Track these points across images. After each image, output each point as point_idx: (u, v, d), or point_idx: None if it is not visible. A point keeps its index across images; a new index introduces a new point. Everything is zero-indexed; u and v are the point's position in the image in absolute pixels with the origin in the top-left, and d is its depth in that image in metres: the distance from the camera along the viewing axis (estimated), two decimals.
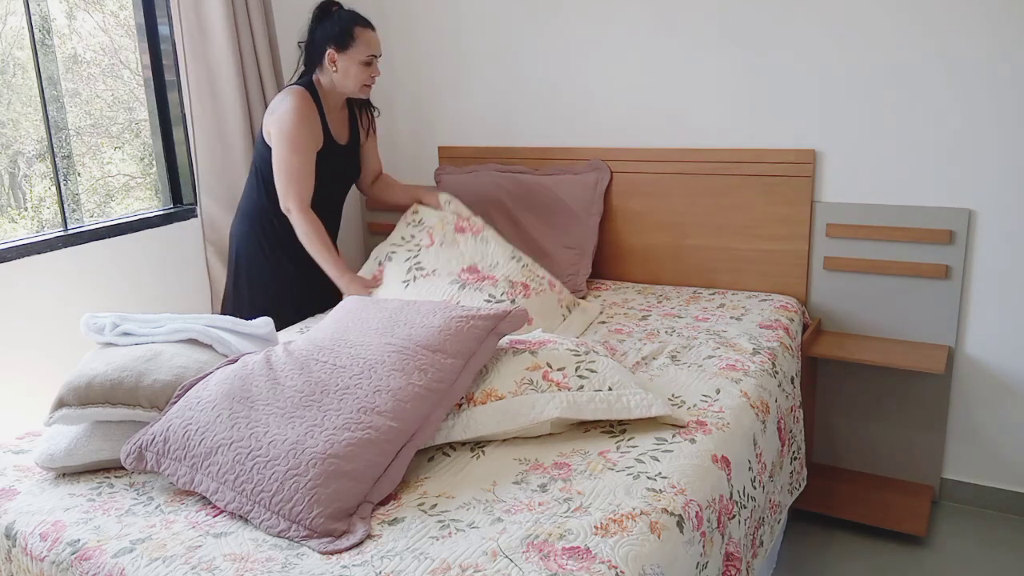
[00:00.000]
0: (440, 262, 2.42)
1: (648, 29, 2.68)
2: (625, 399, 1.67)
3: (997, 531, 2.43)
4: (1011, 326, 2.38)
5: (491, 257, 2.45)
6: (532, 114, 2.95)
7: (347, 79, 2.38)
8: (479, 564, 1.25)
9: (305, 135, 2.34)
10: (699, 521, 1.45)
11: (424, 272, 2.41)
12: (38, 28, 2.39)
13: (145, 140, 2.84)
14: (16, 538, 1.45)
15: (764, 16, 2.49)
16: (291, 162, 2.32)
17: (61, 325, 2.40)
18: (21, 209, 2.60)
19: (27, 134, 2.52)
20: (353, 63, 2.36)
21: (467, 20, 3.00)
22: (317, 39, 2.38)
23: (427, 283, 2.36)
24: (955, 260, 2.39)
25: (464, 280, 2.34)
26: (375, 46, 2.38)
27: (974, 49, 2.26)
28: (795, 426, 2.17)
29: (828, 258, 2.55)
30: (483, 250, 2.47)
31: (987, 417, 2.47)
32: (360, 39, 2.35)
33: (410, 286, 2.37)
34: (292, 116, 2.31)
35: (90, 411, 1.59)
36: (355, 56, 2.36)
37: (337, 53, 2.35)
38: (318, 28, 2.38)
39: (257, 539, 1.37)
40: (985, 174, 2.32)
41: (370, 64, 2.38)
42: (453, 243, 2.49)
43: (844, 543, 2.40)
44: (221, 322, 1.90)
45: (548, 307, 2.34)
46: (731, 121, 2.61)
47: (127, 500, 1.52)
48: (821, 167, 2.52)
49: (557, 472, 1.54)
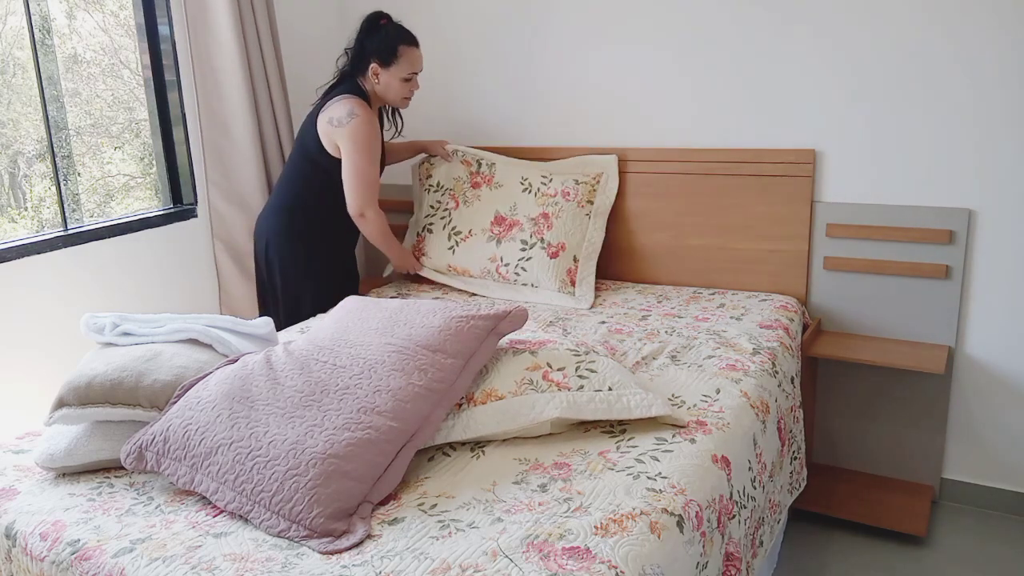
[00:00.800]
0: (472, 221, 2.74)
1: (648, 29, 2.68)
2: (625, 399, 1.67)
3: (997, 531, 2.43)
4: (1011, 326, 2.38)
5: (508, 199, 2.73)
6: (532, 114, 2.94)
7: (388, 92, 2.52)
8: (479, 564, 1.25)
9: (376, 145, 2.49)
10: (699, 521, 1.45)
11: (462, 235, 2.74)
12: (38, 28, 2.39)
13: (145, 140, 2.84)
14: (16, 538, 1.45)
15: (764, 16, 2.49)
16: (367, 171, 2.46)
17: (61, 325, 2.40)
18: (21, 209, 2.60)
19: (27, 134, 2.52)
20: (395, 79, 2.49)
21: (470, 21, 3.00)
22: (364, 51, 2.49)
23: (468, 247, 2.72)
24: (955, 260, 2.39)
25: (497, 235, 2.69)
26: (417, 63, 2.51)
27: (975, 49, 2.26)
28: (795, 426, 2.17)
29: (828, 258, 2.55)
30: (500, 196, 2.74)
31: (987, 417, 2.47)
32: (404, 57, 2.47)
33: (456, 252, 2.73)
34: (366, 128, 2.44)
35: (90, 411, 1.59)
36: (398, 73, 2.48)
37: (381, 68, 2.47)
38: (365, 40, 2.48)
39: (257, 539, 1.37)
40: (985, 174, 2.32)
41: (410, 80, 2.52)
42: (476, 199, 2.77)
43: (844, 543, 2.40)
44: (221, 322, 1.90)
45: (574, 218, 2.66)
46: (731, 121, 2.61)
47: (127, 500, 1.52)
48: (821, 167, 2.52)
49: (557, 472, 1.54)
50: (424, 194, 2.89)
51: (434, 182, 2.88)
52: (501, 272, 2.66)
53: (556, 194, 2.69)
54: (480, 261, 2.68)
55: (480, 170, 2.82)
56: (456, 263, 2.73)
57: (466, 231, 2.73)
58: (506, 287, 2.66)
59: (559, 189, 2.69)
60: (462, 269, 2.72)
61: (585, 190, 2.70)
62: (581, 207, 2.68)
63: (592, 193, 2.72)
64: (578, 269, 2.62)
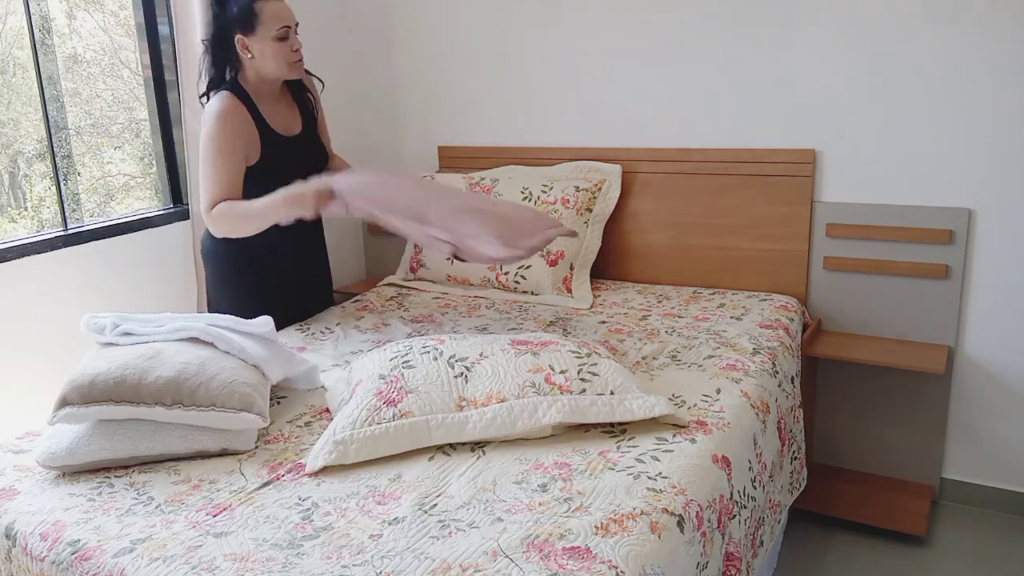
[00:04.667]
0: None
1: (647, 29, 2.68)
2: (628, 403, 1.67)
3: (997, 531, 2.43)
4: (1011, 326, 2.38)
5: None
6: (530, 114, 2.94)
7: (267, 62, 2.15)
8: (479, 564, 1.25)
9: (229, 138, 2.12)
10: (699, 521, 1.45)
11: None
12: (38, 28, 2.39)
13: (145, 140, 2.84)
14: (16, 538, 1.45)
15: (764, 16, 2.49)
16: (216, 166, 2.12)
17: (61, 325, 2.40)
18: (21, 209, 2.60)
19: (27, 134, 2.52)
20: (267, 43, 2.12)
21: (468, 20, 2.99)
22: (223, 30, 2.15)
23: None
24: (955, 260, 2.39)
25: None
26: (285, 15, 2.14)
27: (975, 49, 2.26)
28: (795, 426, 2.17)
29: (828, 258, 2.55)
30: None
31: (987, 417, 2.47)
32: (264, 13, 2.11)
33: (454, 262, 2.60)
34: (214, 120, 2.12)
35: (93, 409, 1.59)
36: (266, 34, 2.11)
37: (246, 37, 2.12)
38: (218, 17, 2.15)
39: (257, 539, 1.37)
40: (985, 174, 2.32)
41: (286, 38, 2.14)
42: None
43: (844, 543, 2.40)
44: (221, 321, 1.90)
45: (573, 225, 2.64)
46: (731, 121, 2.61)
47: (127, 500, 1.51)
48: (821, 167, 2.52)
49: (557, 472, 1.54)
50: None
51: None
52: (501, 280, 2.66)
53: (556, 201, 2.68)
54: (479, 270, 2.68)
55: (481, 182, 2.80)
56: (455, 273, 2.72)
57: None
58: (506, 294, 2.66)
59: (559, 196, 2.68)
60: (461, 278, 2.71)
61: (585, 197, 2.69)
62: (580, 215, 2.67)
63: (592, 201, 2.71)
64: (573, 276, 2.63)
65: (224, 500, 1.49)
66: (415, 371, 1.72)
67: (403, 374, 1.72)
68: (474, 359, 1.75)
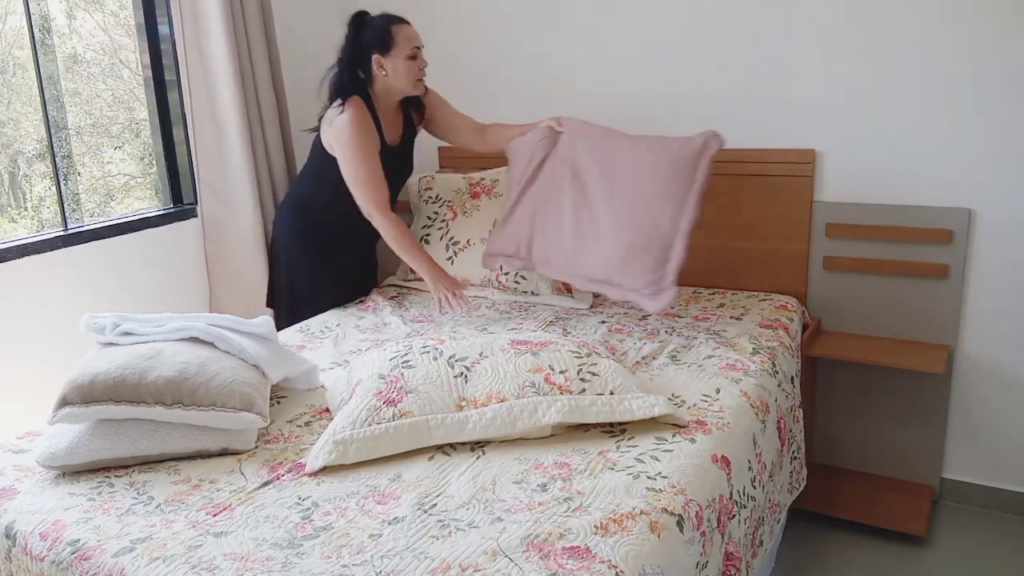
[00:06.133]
0: (471, 231, 2.71)
1: (647, 29, 2.68)
2: (627, 403, 1.67)
3: (997, 531, 2.43)
4: (1011, 326, 2.38)
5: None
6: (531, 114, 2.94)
7: (399, 78, 2.43)
8: (479, 564, 1.26)
9: (366, 142, 2.40)
10: (699, 521, 1.45)
11: (459, 245, 2.71)
12: (38, 28, 2.39)
13: (145, 140, 2.84)
14: (16, 538, 1.45)
15: (765, 16, 2.50)
16: (360, 170, 2.40)
17: (61, 325, 2.40)
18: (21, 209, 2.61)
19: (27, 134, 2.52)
20: (400, 60, 2.40)
21: (468, 21, 3.00)
22: (361, 49, 2.41)
23: (467, 257, 2.68)
24: (954, 260, 2.39)
25: None
26: (415, 38, 2.42)
27: (975, 49, 2.26)
28: (795, 426, 2.17)
29: (828, 258, 2.55)
30: (500, 205, 2.69)
31: (987, 417, 2.47)
32: (399, 36, 2.39)
33: (455, 262, 2.70)
34: (350, 127, 2.37)
35: (93, 409, 1.59)
36: (400, 53, 2.39)
37: (383, 57, 2.40)
38: (357, 39, 2.42)
39: (257, 539, 1.37)
40: (985, 174, 2.32)
41: (415, 57, 2.42)
42: (474, 209, 2.74)
43: (844, 543, 2.40)
44: (221, 321, 1.90)
45: None
46: (731, 121, 2.61)
47: (127, 500, 1.52)
48: (821, 167, 2.52)
49: (557, 472, 1.54)
50: (422, 205, 2.87)
51: (433, 194, 2.85)
52: (501, 280, 2.65)
53: None
54: (480, 270, 2.67)
55: (481, 182, 2.81)
56: (455, 273, 2.69)
57: (464, 241, 2.71)
58: (506, 295, 2.66)
59: None
60: (462, 279, 2.70)
61: None
62: None
63: None
64: None
65: (224, 500, 1.49)
66: (415, 371, 1.72)
67: (403, 374, 1.72)
68: (474, 359, 1.75)
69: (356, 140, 2.37)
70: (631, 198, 2.24)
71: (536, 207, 2.40)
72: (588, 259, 2.26)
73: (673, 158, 2.24)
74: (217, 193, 2.77)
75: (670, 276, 2.15)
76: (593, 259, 2.25)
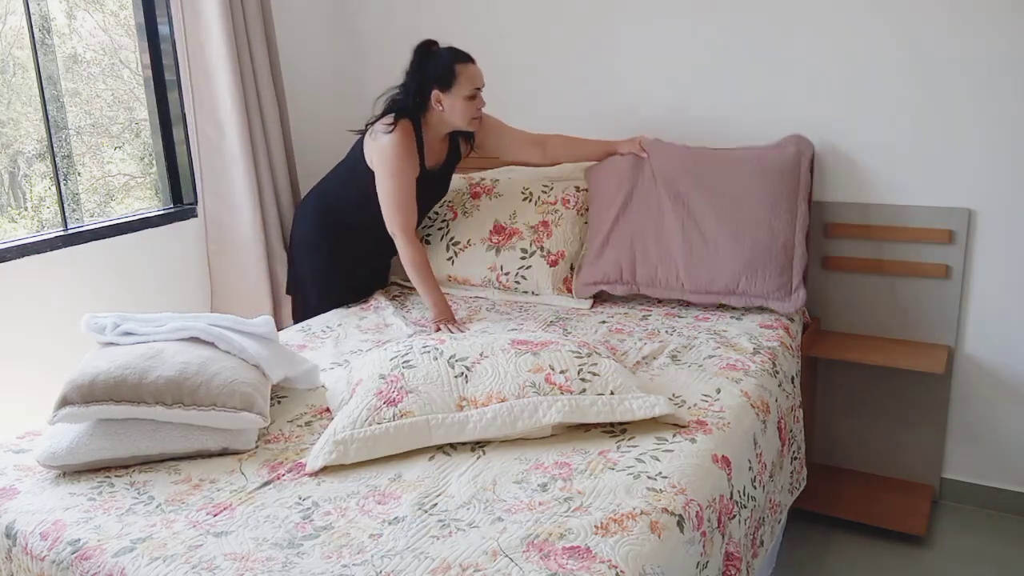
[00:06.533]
0: (470, 231, 2.71)
1: (647, 29, 2.68)
2: (628, 403, 1.67)
3: (997, 531, 2.43)
4: (1011, 326, 2.38)
5: (507, 208, 2.70)
6: (531, 114, 2.94)
7: (455, 115, 2.42)
8: (479, 564, 1.26)
9: (406, 167, 2.40)
10: (699, 521, 1.45)
11: (460, 245, 2.71)
12: (38, 28, 2.39)
13: (145, 140, 2.84)
14: (16, 537, 1.45)
15: (765, 15, 2.50)
16: (394, 191, 2.40)
17: (61, 325, 2.40)
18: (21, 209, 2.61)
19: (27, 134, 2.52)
20: (459, 99, 2.39)
21: (468, 21, 3.00)
22: (422, 82, 2.39)
23: (467, 257, 2.69)
24: (955, 260, 2.39)
25: (496, 243, 2.66)
26: (478, 79, 2.41)
27: (975, 49, 2.26)
28: (795, 426, 2.17)
29: (828, 258, 2.55)
30: (500, 205, 2.72)
31: (987, 417, 2.47)
32: (462, 76, 2.37)
33: (455, 262, 2.70)
34: (393, 148, 2.38)
35: (94, 409, 1.59)
36: (460, 92, 2.38)
37: (442, 93, 2.38)
38: (420, 70, 2.40)
39: (257, 539, 1.37)
40: (985, 174, 2.32)
41: (475, 98, 2.41)
42: (474, 208, 2.75)
43: (844, 543, 2.40)
44: (222, 321, 1.90)
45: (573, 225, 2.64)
46: (731, 120, 2.61)
47: (127, 499, 1.52)
48: (821, 167, 2.52)
49: (557, 472, 1.54)
50: None
51: None
52: (501, 280, 2.65)
53: (556, 201, 2.67)
54: (480, 270, 2.67)
55: (481, 182, 2.81)
56: (456, 273, 2.71)
57: (464, 241, 2.70)
58: (507, 295, 2.66)
59: (559, 196, 2.68)
60: (462, 279, 2.70)
61: (586, 197, 2.68)
62: (580, 215, 2.67)
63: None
64: (573, 278, 2.60)
65: (224, 500, 1.50)
66: (415, 371, 1.72)
67: (403, 374, 1.72)
68: (474, 359, 1.75)
69: (396, 162, 2.38)
70: (742, 210, 2.35)
71: (634, 233, 2.48)
72: (704, 274, 2.37)
73: (773, 167, 2.36)
74: (217, 193, 2.78)
75: (797, 277, 2.32)
76: (710, 273, 2.36)
